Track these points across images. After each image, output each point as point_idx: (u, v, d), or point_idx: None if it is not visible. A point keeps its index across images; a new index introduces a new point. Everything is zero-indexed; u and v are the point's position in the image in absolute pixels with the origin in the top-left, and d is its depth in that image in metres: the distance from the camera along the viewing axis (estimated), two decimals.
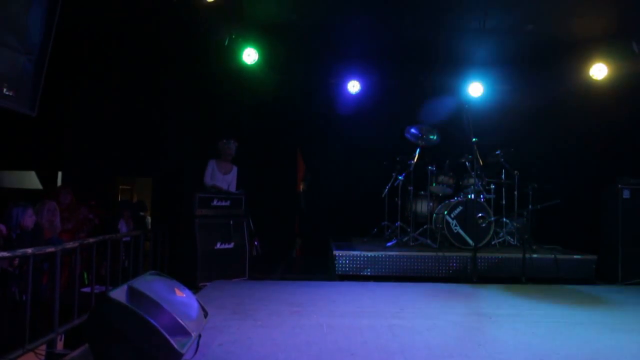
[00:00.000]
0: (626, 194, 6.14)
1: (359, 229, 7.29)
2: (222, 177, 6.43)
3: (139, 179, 8.04)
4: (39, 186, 8.06)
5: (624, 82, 6.53)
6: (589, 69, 6.82)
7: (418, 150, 6.89)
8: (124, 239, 4.98)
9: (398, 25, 6.69)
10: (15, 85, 3.11)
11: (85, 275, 4.97)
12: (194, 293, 3.51)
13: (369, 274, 5.97)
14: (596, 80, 6.81)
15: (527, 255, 5.78)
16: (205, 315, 3.41)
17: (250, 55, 6.74)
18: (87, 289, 4.40)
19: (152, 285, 3.15)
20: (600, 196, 6.49)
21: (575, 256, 6.08)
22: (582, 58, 6.83)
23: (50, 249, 3.66)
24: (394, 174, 7.10)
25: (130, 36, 6.51)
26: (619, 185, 6.16)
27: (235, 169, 6.50)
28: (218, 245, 5.83)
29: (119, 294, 2.96)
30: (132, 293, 2.99)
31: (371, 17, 6.56)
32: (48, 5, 3.26)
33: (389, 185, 7.09)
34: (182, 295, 3.30)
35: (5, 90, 2.99)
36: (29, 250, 3.41)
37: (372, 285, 5.53)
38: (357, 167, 7.73)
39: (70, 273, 4.55)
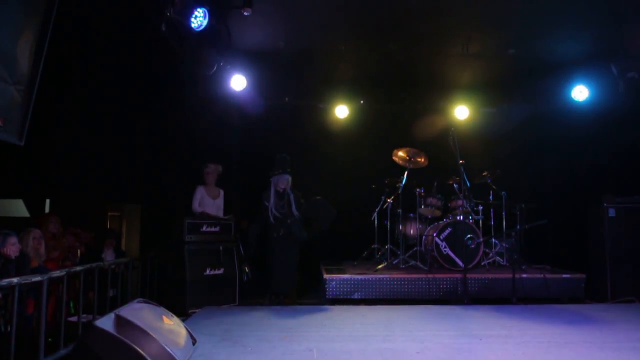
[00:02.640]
0: (611, 212, 6.20)
1: (350, 252, 7.28)
2: (213, 202, 6.43)
3: (127, 206, 8.00)
4: (26, 214, 7.97)
5: (605, 103, 6.68)
6: (570, 91, 6.98)
7: (406, 172, 6.96)
8: (111, 267, 4.93)
9: (385, 50, 6.82)
10: (3, 115, 3.13)
11: (72, 304, 4.90)
12: (183, 320, 3.48)
13: (359, 297, 5.95)
14: (578, 102, 6.97)
15: (517, 276, 5.80)
16: (194, 342, 3.38)
17: (238, 82, 6.81)
18: (73, 318, 4.33)
19: (140, 313, 3.13)
20: (586, 215, 6.55)
21: (564, 275, 6.11)
22: (564, 80, 7.00)
23: (37, 278, 3.62)
24: (383, 197, 7.15)
25: (119, 64, 6.57)
26: (605, 204, 6.21)
27: (222, 192, 6.50)
28: (207, 272, 5.80)
29: (105, 322, 2.93)
30: (120, 322, 2.96)
31: (359, 43, 6.70)
32: (37, 36, 3.31)
33: (378, 208, 7.13)
34: (171, 322, 3.28)
35: None
36: (15, 280, 3.37)
37: (362, 308, 5.51)
38: (347, 190, 7.75)
39: (56, 302, 4.48)
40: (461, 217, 6.61)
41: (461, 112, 7.67)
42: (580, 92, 6.79)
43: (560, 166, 7.41)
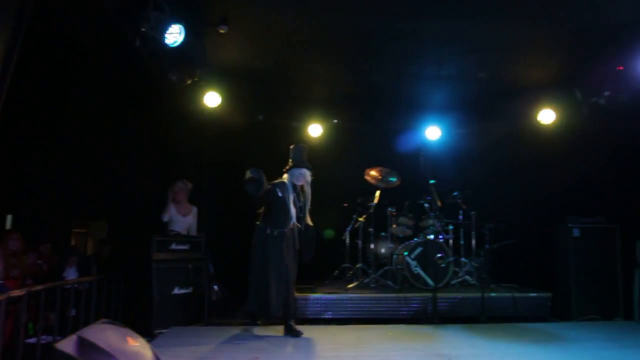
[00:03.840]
0: (576, 232, 6.35)
1: (321, 272, 7.22)
2: (182, 219, 6.34)
3: (94, 222, 7.79)
4: None
5: (570, 126, 6.90)
6: (537, 114, 7.19)
7: (378, 192, 7.00)
8: (74, 286, 4.77)
9: (359, 71, 6.89)
10: None
11: (31, 326, 4.70)
12: (149, 341, 3.37)
13: (330, 316, 5.91)
14: (545, 125, 7.18)
15: (486, 295, 5.87)
16: None
17: (212, 99, 6.77)
18: (32, 340, 4.16)
19: (103, 334, 3.01)
20: (552, 235, 6.69)
21: (531, 294, 6.22)
22: (531, 103, 7.20)
23: None
24: (354, 216, 7.18)
25: (88, 77, 6.46)
26: (569, 225, 6.36)
27: (195, 210, 6.42)
28: (176, 291, 5.66)
29: (67, 345, 2.81)
30: (82, 344, 2.85)
31: (333, 62, 6.74)
32: (4, 55, 3.21)
33: (350, 227, 7.16)
34: (136, 344, 3.17)
35: None
36: None
37: (333, 328, 5.46)
38: (319, 209, 7.71)
39: (14, 323, 4.30)
40: (432, 237, 6.68)
41: (433, 132, 7.81)
42: (547, 116, 7.00)
43: (528, 187, 7.58)
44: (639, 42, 5.49)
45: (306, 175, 5.01)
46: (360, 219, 7.13)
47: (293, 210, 4.88)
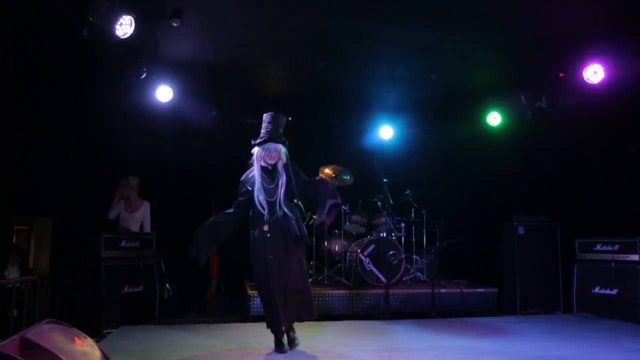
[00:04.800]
0: (521, 230, 6.64)
1: None
2: (129, 216, 6.19)
3: (37, 219, 7.43)
4: None
5: (515, 129, 7.22)
6: (485, 116, 7.48)
7: None
8: (15, 285, 4.56)
9: (314, 70, 6.92)
10: None
11: None
12: (98, 341, 3.28)
13: None
14: (493, 127, 7.47)
15: (436, 291, 6.05)
16: None
17: (164, 93, 6.62)
18: None
19: (49, 335, 2.90)
20: (498, 233, 6.96)
21: (478, 290, 6.46)
22: (480, 106, 7.50)
23: None
24: (308, 213, 7.19)
25: (33, 68, 6.16)
26: (515, 223, 6.65)
27: (146, 204, 6.27)
28: (125, 289, 5.53)
29: (8, 346, 2.69)
30: (25, 345, 2.73)
31: (288, 60, 6.74)
32: None
33: (304, 224, 7.13)
34: (84, 344, 3.07)
35: None
36: None
37: None
38: None
39: None
40: (384, 234, 6.81)
41: (386, 132, 7.96)
42: (494, 118, 7.30)
43: (476, 187, 7.87)
44: (579, 51, 5.77)
45: (281, 153, 4.13)
46: (314, 216, 7.15)
47: (264, 200, 4.10)
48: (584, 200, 6.45)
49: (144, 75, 5.95)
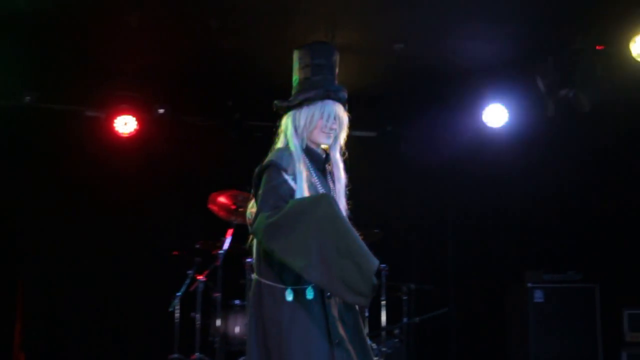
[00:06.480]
0: (538, 296, 4.63)
1: None
2: None
3: None
4: None
5: (525, 130, 5.09)
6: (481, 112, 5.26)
7: (231, 230, 4.82)
8: None
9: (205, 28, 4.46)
10: None
11: None
12: None
13: None
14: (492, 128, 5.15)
15: None
16: None
17: None
18: None
19: None
20: (503, 299, 4.96)
21: None
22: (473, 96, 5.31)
23: None
24: (190, 272, 4.93)
25: None
26: (528, 285, 4.60)
27: None
28: None
29: None
30: None
31: (156, 15, 4.25)
32: None
33: (182, 290, 4.98)
34: None
35: None
36: None
37: None
38: (127, 258, 5.54)
39: None
40: None
41: None
42: (495, 115, 4.81)
43: (462, 225, 5.52)
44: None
45: (341, 115, 2.19)
46: (200, 278, 4.85)
47: None
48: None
49: None
